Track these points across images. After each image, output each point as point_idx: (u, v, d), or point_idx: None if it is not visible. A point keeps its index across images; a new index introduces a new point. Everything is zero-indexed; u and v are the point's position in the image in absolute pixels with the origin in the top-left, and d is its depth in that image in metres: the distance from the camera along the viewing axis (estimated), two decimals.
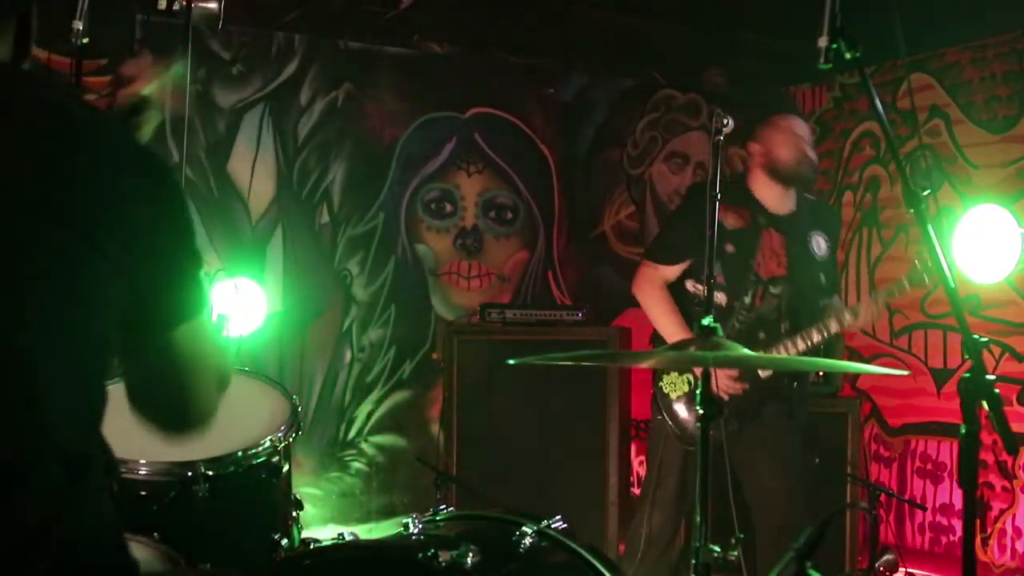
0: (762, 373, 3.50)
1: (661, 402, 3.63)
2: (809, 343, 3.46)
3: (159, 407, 1.44)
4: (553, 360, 2.28)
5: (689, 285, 3.64)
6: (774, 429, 3.56)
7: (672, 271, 3.63)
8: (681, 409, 3.58)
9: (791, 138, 3.55)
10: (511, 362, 2.21)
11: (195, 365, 1.41)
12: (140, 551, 2.09)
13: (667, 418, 3.59)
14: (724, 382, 3.46)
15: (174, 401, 1.43)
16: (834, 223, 3.85)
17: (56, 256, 1.21)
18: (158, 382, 1.40)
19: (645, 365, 3.69)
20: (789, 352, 3.44)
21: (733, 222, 3.52)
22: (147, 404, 1.43)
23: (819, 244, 3.61)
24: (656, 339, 3.69)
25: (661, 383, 3.63)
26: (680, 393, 3.58)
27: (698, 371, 3.47)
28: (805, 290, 3.53)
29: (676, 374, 3.60)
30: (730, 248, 3.51)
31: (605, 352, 4.15)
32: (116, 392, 1.35)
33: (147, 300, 1.31)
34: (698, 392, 2.21)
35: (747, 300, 3.49)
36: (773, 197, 3.58)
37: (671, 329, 3.57)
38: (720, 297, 3.48)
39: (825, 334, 3.45)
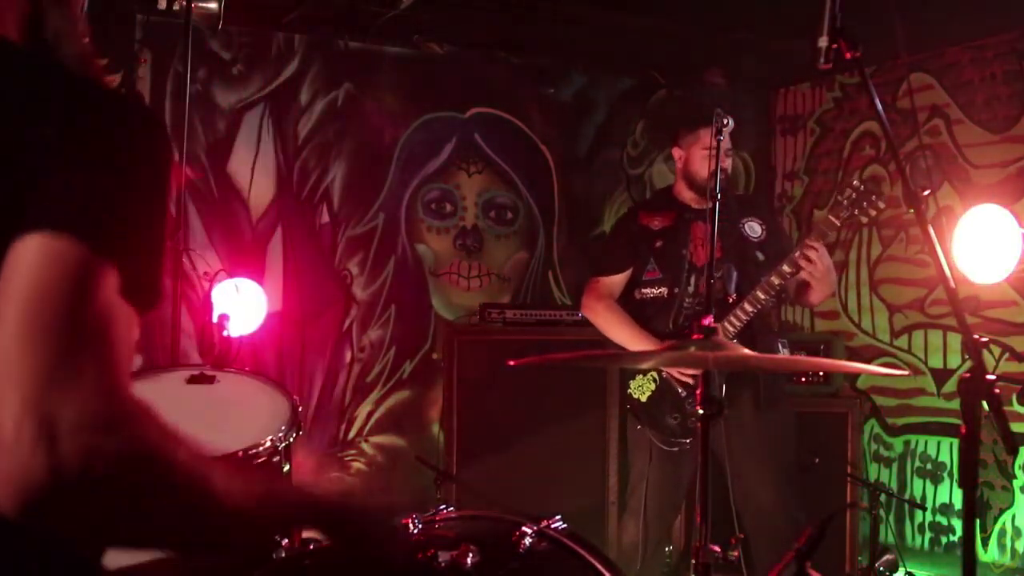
0: None
1: (634, 409, 3.67)
2: (757, 305, 3.51)
3: None
4: (553, 360, 2.28)
5: (636, 294, 3.80)
6: (753, 428, 3.57)
7: (616, 281, 3.81)
8: (654, 408, 3.60)
9: (705, 154, 3.60)
10: (511, 363, 2.21)
11: (20, 308, 0.85)
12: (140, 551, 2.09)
13: (644, 423, 3.63)
14: (677, 373, 3.57)
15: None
16: (765, 208, 4.14)
17: None
18: None
19: (645, 366, 3.71)
20: (740, 319, 3.51)
21: (659, 224, 3.76)
22: None
23: (752, 228, 3.76)
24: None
25: (629, 390, 3.68)
26: (648, 393, 3.61)
27: (674, 371, 3.56)
28: (744, 268, 3.64)
29: (640, 376, 3.66)
30: (659, 243, 3.72)
31: (605, 352, 4.15)
32: None
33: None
34: (698, 392, 2.22)
35: (690, 289, 3.62)
36: (695, 198, 3.75)
37: (625, 334, 3.67)
38: (663, 290, 3.69)
39: (772, 291, 3.49)
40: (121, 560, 1.10)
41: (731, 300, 3.55)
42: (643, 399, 3.63)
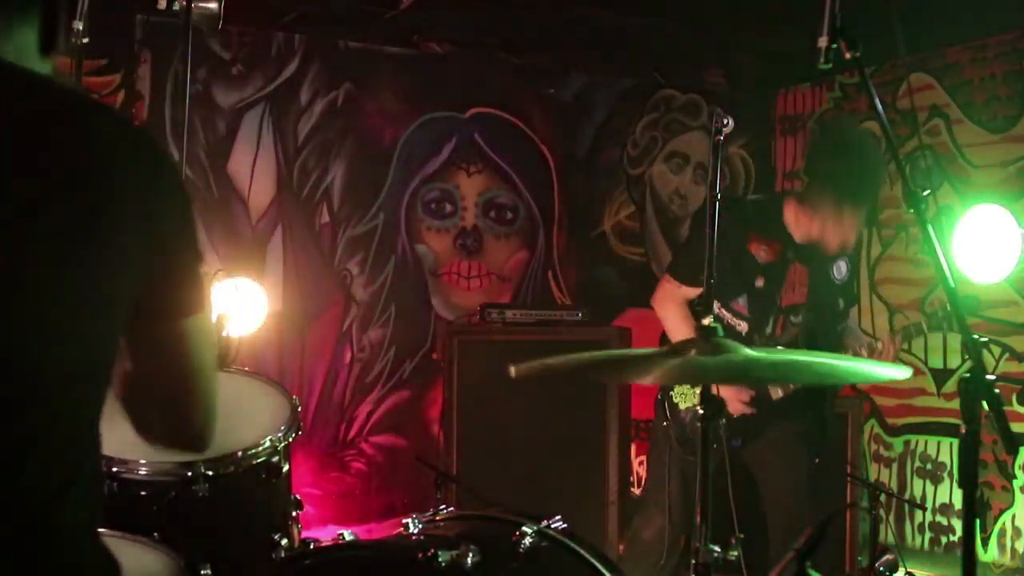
0: (773, 395, 3.49)
1: (669, 409, 3.62)
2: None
3: (159, 412, 1.39)
4: (555, 368, 2.27)
5: (715, 307, 3.59)
6: (781, 439, 3.55)
7: (693, 292, 3.50)
8: (688, 418, 3.58)
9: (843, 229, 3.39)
10: (512, 373, 2.20)
11: (196, 364, 1.37)
12: (140, 551, 2.09)
13: (673, 424, 3.59)
14: (735, 405, 3.43)
15: (174, 406, 1.38)
16: (856, 244, 3.73)
17: (56, 249, 1.17)
18: (158, 382, 1.35)
19: (647, 381, 3.67)
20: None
21: (765, 256, 3.44)
22: (145, 409, 1.38)
23: (839, 268, 3.55)
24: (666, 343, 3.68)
25: (672, 392, 3.62)
26: (689, 404, 3.58)
27: (733, 396, 3.49)
28: (824, 317, 3.49)
29: (688, 386, 3.59)
30: (760, 283, 3.44)
31: (606, 355, 4.14)
32: None
33: (150, 293, 1.27)
34: (698, 392, 2.21)
35: (767, 330, 3.45)
36: (802, 228, 3.45)
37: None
38: (743, 326, 3.45)
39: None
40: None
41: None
42: (682, 406, 3.58)
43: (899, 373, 1.92)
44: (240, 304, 4.28)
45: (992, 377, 1.59)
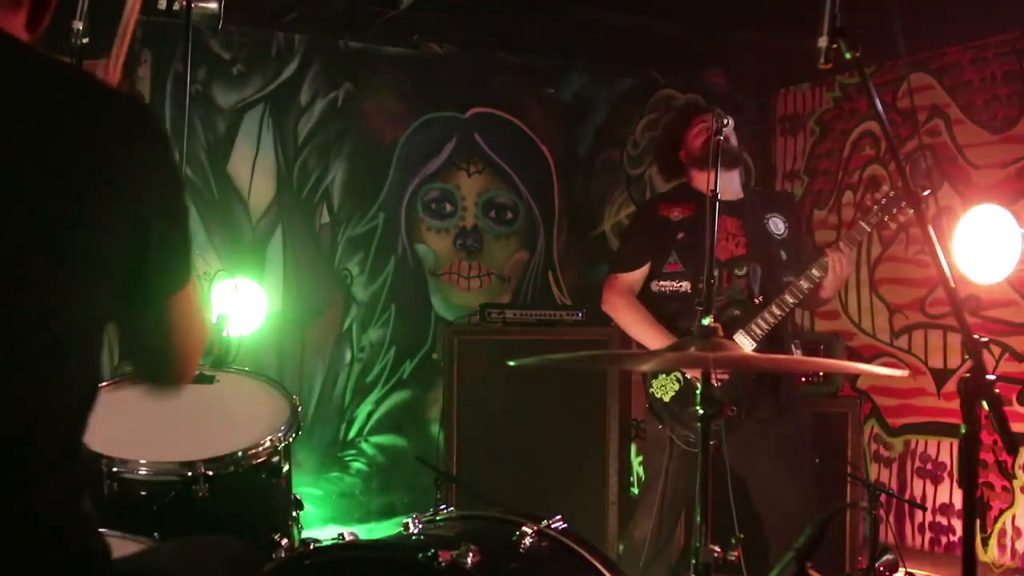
0: (715, 379, 3.52)
1: (657, 409, 3.63)
2: (786, 309, 3.48)
3: (148, 368, 1.51)
4: (553, 360, 2.28)
5: (653, 286, 3.69)
6: (776, 428, 3.56)
7: (636, 276, 3.70)
8: (678, 408, 3.58)
9: (701, 129, 3.59)
10: (511, 363, 2.21)
11: (185, 330, 1.47)
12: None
13: (667, 423, 3.59)
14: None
15: (162, 362, 1.49)
16: (790, 206, 3.93)
17: (46, 228, 1.21)
18: (148, 345, 1.46)
19: (645, 368, 3.70)
20: (768, 321, 3.47)
21: (680, 213, 3.64)
22: (137, 364, 1.51)
23: (776, 224, 3.67)
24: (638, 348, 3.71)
25: (651, 389, 3.64)
26: (672, 393, 3.59)
27: (690, 372, 3.52)
28: (768, 266, 3.57)
29: (663, 376, 3.62)
30: (681, 235, 3.60)
31: (605, 352, 4.15)
32: (116, 395, 1.34)
33: (140, 271, 1.33)
34: (698, 393, 2.21)
35: (713, 284, 3.53)
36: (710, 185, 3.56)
37: (647, 333, 3.61)
38: (684, 286, 3.59)
39: (800, 296, 3.47)
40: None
41: (758, 302, 3.50)
42: (666, 399, 3.61)
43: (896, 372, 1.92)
44: (240, 304, 4.28)
45: (992, 377, 1.59)
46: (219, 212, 4.73)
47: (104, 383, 2.33)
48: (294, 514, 2.65)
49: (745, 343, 3.47)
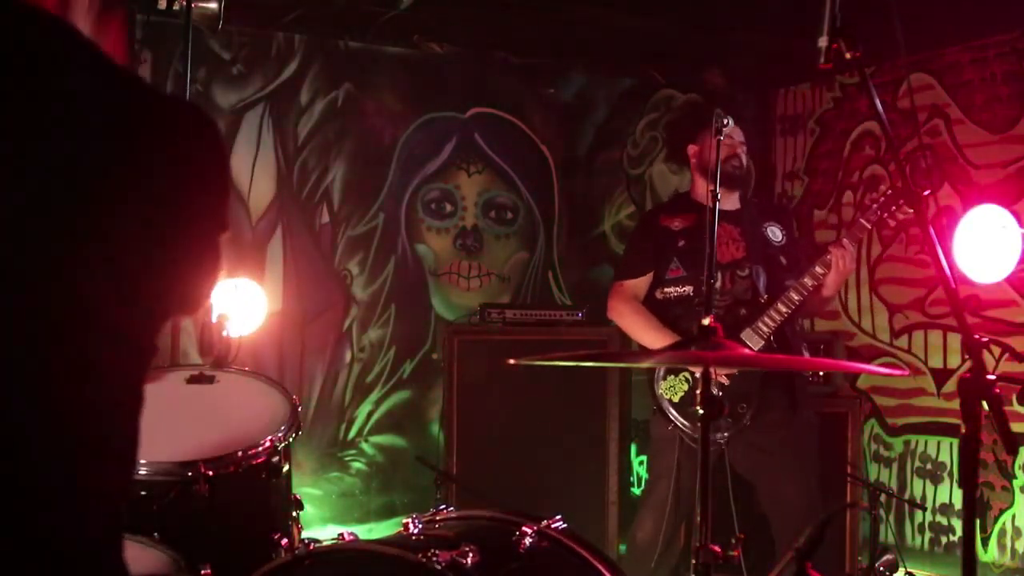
0: (721, 379, 3.58)
1: (666, 409, 3.64)
2: (791, 306, 3.54)
3: None
4: (553, 361, 2.28)
5: (658, 293, 3.80)
6: (784, 428, 3.57)
7: (640, 283, 3.81)
8: (689, 408, 3.60)
9: (725, 144, 3.55)
10: (511, 362, 2.21)
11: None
12: (140, 551, 2.09)
13: (677, 423, 3.61)
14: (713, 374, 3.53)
15: None
16: (786, 216, 4.09)
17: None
18: None
19: (648, 365, 3.72)
20: (775, 319, 3.52)
21: (680, 223, 3.76)
22: None
23: (774, 232, 3.79)
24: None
25: (660, 390, 3.65)
26: (681, 394, 3.60)
27: (697, 371, 3.53)
28: (768, 269, 3.68)
29: (672, 377, 3.64)
30: (682, 243, 3.71)
31: (605, 352, 4.16)
32: None
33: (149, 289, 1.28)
34: (698, 393, 2.21)
35: (717, 285, 3.58)
36: (701, 191, 3.70)
37: (651, 336, 3.67)
38: (687, 289, 3.69)
39: (805, 292, 3.53)
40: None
41: (763, 300, 3.59)
42: (675, 399, 3.64)
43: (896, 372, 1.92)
44: (240, 304, 4.28)
45: (992, 377, 1.59)
46: None
47: None
48: (294, 514, 2.66)
49: (753, 341, 3.50)
